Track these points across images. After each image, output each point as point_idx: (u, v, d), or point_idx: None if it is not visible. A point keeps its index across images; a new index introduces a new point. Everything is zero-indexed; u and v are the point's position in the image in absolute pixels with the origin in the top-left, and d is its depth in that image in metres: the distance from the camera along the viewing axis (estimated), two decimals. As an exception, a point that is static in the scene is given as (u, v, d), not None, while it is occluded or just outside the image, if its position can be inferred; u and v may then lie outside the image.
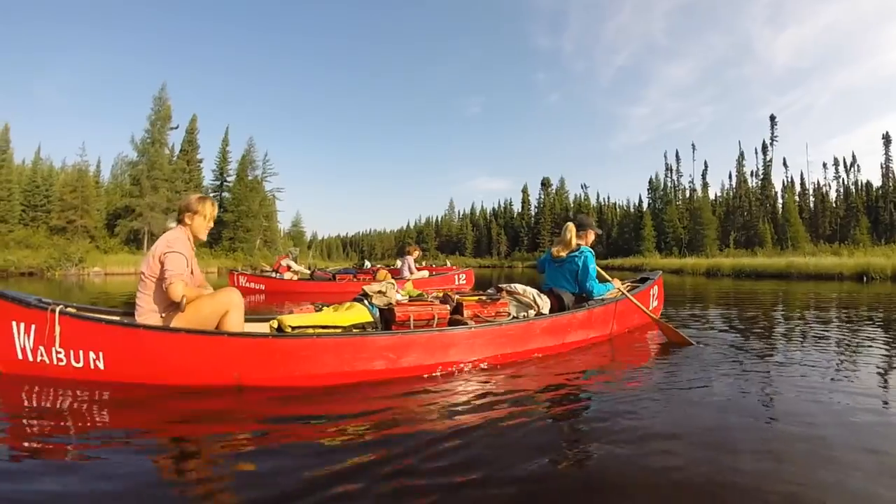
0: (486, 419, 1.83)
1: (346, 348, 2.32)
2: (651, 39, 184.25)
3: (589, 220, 3.81)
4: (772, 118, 46.04)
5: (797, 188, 47.43)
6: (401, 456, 1.50)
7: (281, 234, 43.49)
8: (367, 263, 14.67)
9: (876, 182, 43.53)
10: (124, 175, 35.29)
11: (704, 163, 52.94)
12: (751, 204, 44.90)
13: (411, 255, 9.68)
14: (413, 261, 9.64)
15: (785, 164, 48.77)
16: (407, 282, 7.75)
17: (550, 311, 3.20)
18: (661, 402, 2.05)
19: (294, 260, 10.01)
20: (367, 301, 2.75)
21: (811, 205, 46.25)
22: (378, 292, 2.76)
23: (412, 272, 9.41)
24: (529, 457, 1.50)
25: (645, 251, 42.73)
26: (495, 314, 2.94)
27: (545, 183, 61.11)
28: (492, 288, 3.26)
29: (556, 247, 3.64)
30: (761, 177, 45.87)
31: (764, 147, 45.68)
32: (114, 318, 2.38)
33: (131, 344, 2.20)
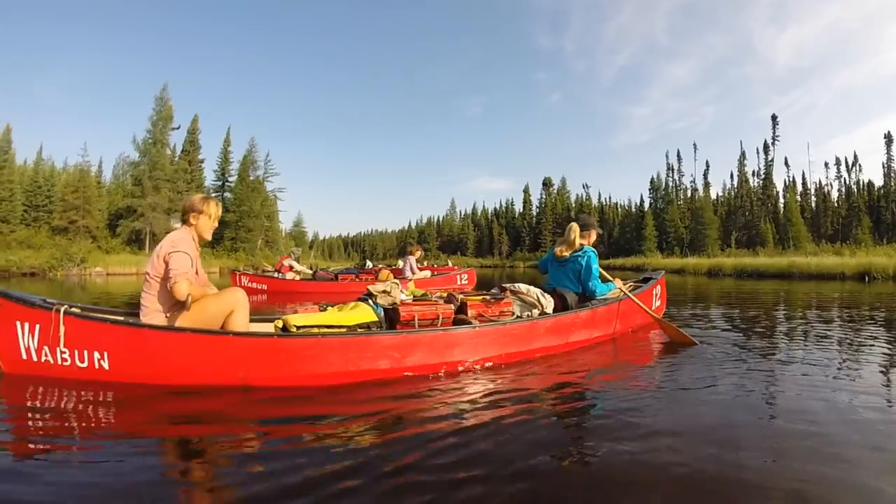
0: (492, 418, 1.83)
1: (352, 348, 2.32)
2: (652, 39, 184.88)
3: (591, 220, 3.81)
4: (773, 118, 46.02)
5: (799, 188, 47.34)
6: (407, 454, 1.50)
7: (282, 235, 43.50)
8: (369, 263, 14.71)
9: (878, 182, 43.46)
10: (126, 175, 35.30)
11: (706, 162, 53.03)
12: (752, 204, 44.80)
13: (413, 255, 9.68)
14: (415, 261, 9.64)
15: (786, 164, 48.81)
16: (409, 282, 7.77)
17: (554, 311, 3.20)
18: (666, 401, 2.06)
19: (296, 260, 10.00)
20: (372, 301, 2.75)
21: (813, 204, 46.10)
22: (382, 292, 2.76)
23: (414, 272, 9.41)
24: (535, 454, 1.51)
25: (646, 251, 42.66)
26: (499, 314, 2.94)
27: (547, 183, 61.00)
28: (495, 288, 3.25)
29: (560, 246, 3.65)
30: (763, 176, 45.75)
31: (765, 147, 45.62)
32: (118, 318, 2.38)
33: (136, 344, 2.20)
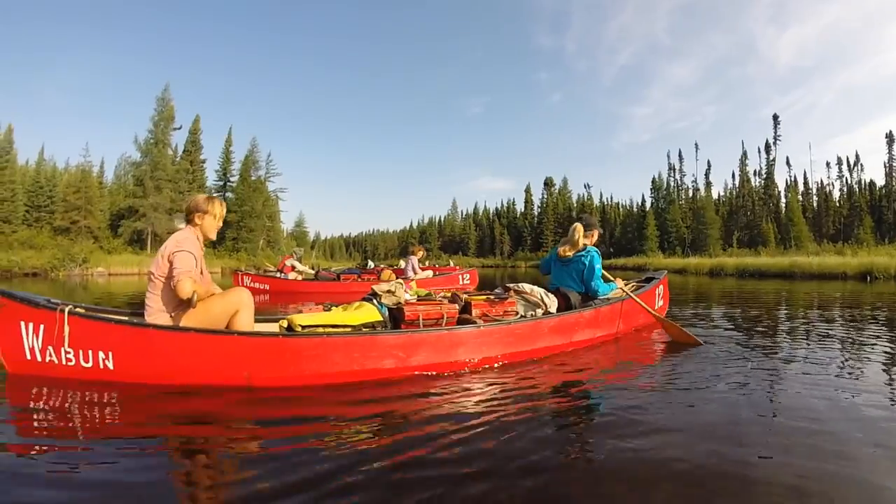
0: (497, 416, 1.84)
1: (356, 347, 2.32)
2: (653, 39, 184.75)
3: (593, 220, 3.82)
4: (775, 117, 45.92)
5: (800, 187, 47.22)
6: (412, 453, 1.50)
7: (284, 235, 43.55)
8: (371, 263, 14.72)
9: (879, 181, 43.32)
10: (128, 175, 35.35)
11: (707, 162, 52.57)
12: (754, 203, 44.71)
13: (415, 255, 9.69)
14: (417, 261, 9.65)
15: (788, 164, 48.58)
16: (411, 282, 7.77)
17: (557, 311, 3.20)
18: (669, 399, 2.06)
19: (298, 260, 10.01)
20: (377, 300, 2.75)
21: (814, 204, 46.01)
22: (387, 292, 2.76)
23: (416, 272, 9.42)
24: (540, 452, 1.51)
25: (648, 251, 42.62)
26: (503, 313, 2.94)
27: (548, 183, 60.92)
28: (499, 287, 3.26)
29: (563, 246, 3.65)
30: (764, 176, 45.64)
31: (767, 146, 45.51)
32: (123, 318, 2.37)
33: (141, 344, 2.20)
